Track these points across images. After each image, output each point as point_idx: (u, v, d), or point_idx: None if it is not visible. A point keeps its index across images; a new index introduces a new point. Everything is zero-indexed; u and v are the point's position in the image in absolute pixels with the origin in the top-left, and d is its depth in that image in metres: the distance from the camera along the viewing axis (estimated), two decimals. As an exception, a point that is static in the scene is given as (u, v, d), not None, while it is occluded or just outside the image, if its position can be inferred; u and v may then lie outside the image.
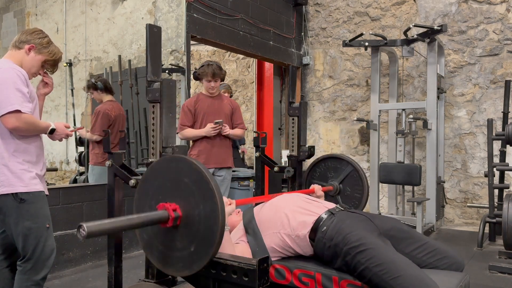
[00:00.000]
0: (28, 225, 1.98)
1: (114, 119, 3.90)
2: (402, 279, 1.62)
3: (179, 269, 1.47)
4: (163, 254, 1.51)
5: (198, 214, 1.41)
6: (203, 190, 1.40)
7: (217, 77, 3.61)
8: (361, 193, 2.75)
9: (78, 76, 5.54)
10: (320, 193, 2.60)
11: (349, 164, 2.78)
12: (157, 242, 1.53)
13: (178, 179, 1.47)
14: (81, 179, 4.45)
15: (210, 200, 1.38)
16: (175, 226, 1.46)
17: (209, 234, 1.38)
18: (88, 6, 5.46)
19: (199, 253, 1.41)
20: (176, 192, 1.47)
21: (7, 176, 1.96)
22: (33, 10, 6.39)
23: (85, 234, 1.19)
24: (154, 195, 1.53)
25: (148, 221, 1.42)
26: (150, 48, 1.73)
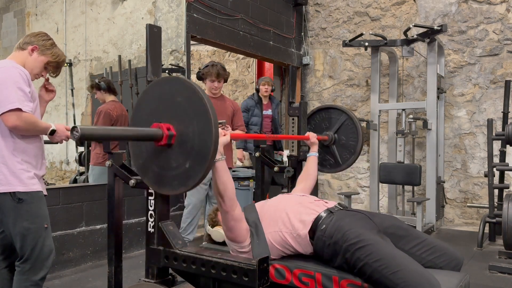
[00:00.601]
0: (27, 225, 1.98)
1: (116, 119, 3.91)
2: (402, 273, 1.62)
3: (174, 187, 1.47)
4: (159, 174, 1.52)
5: (192, 130, 1.42)
6: (196, 107, 1.41)
7: (221, 78, 3.63)
8: (355, 140, 2.78)
9: (78, 76, 5.54)
10: (314, 140, 2.63)
11: (343, 113, 2.81)
12: (152, 164, 1.53)
13: (172, 99, 1.48)
14: (81, 179, 4.46)
15: (203, 115, 1.39)
16: (169, 145, 1.46)
17: (203, 148, 1.38)
18: (88, 6, 5.46)
19: (194, 168, 1.41)
20: (170, 113, 1.48)
21: (5, 174, 1.96)
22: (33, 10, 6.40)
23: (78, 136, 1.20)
24: (148, 118, 1.53)
25: (142, 135, 1.44)
26: (150, 48, 1.73)
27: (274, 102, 5.18)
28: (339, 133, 2.84)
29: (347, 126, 2.81)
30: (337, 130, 2.84)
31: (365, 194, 5.81)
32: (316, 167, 2.61)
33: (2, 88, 1.91)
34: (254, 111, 4.88)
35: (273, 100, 5.19)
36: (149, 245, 1.71)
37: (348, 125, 2.81)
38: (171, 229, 1.69)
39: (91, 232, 3.63)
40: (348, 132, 2.81)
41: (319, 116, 2.91)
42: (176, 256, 1.61)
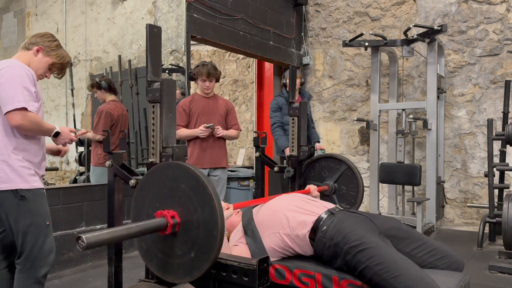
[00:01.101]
0: (28, 222, 1.99)
1: (117, 119, 3.91)
2: (403, 277, 1.62)
3: (179, 276, 1.46)
4: (163, 261, 1.50)
5: (196, 219, 1.40)
6: (200, 195, 1.39)
7: (212, 77, 3.61)
8: (356, 191, 2.76)
9: (78, 76, 5.54)
10: (316, 193, 2.61)
11: (343, 163, 2.80)
12: (156, 250, 1.51)
13: (175, 185, 1.46)
14: (81, 179, 4.46)
15: (208, 205, 1.37)
16: (173, 233, 1.45)
17: (208, 239, 1.37)
18: (88, 6, 5.46)
19: (200, 259, 1.39)
20: (173, 199, 1.46)
21: (6, 172, 1.97)
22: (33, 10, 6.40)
23: (84, 246, 1.20)
24: (152, 203, 1.52)
25: (147, 230, 1.41)
26: (150, 48, 1.73)
27: (305, 96, 4.70)
28: (339, 183, 2.82)
29: (346, 176, 2.79)
30: (337, 179, 2.82)
31: (365, 194, 5.78)
32: None
33: (8, 86, 1.92)
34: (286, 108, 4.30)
35: (303, 94, 4.71)
36: (149, 246, 1.71)
37: (348, 175, 2.79)
38: (171, 229, 1.69)
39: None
40: (348, 182, 2.79)
41: (319, 165, 2.90)
42: (176, 257, 1.61)
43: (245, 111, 7.29)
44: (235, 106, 7.34)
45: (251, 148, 6.76)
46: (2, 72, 1.96)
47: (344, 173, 2.78)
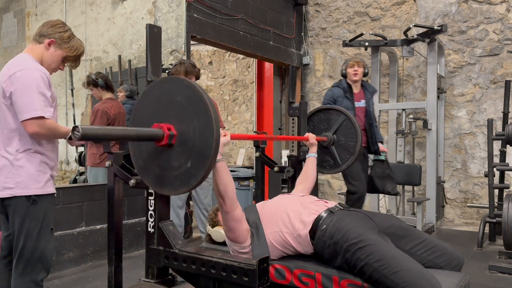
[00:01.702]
0: (34, 225, 1.97)
1: (114, 118, 3.83)
2: (403, 273, 1.62)
3: (176, 187, 1.47)
4: (160, 175, 1.51)
5: (192, 129, 1.41)
6: (196, 105, 1.40)
7: (191, 75, 3.56)
8: (354, 140, 2.77)
9: (78, 76, 5.54)
10: (313, 141, 2.63)
11: (341, 114, 2.81)
12: (153, 165, 1.52)
13: (171, 99, 1.47)
14: (81, 179, 4.46)
15: (204, 114, 1.38)
16: (170, 145, 1.45)
17: (204, 146, 1.38)
18: (88, 6, 5.46)
19: (196, 167, 1.40)
20: (170, 113, 1.47)
21: (23, 177, 1.94)
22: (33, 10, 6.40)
23: (79, 135, 1.21)
24: (149, 120, 1.53)
25: (143, 135, 1.43)
26: (150, 48, 1.73)
27: (368, 90, 3.93)
28: (338, 134, 2.84)
29: (345, 127, 2.81)
30: (335, 131, 2.84)
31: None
32: (315, 168, 2.61)
33: (25, 93, 1.88)
34: (342, 103, 3.69)
35: (367, 87, 3.95)
36: (149, 245, 1.71)
37: (346, 126, 2.81)
38: (171, 229, 1.69)
39: (91, 232, 3.62)
40: (346, 132, 2.82)
41: (318, 117, 2.91)
42: (176, 256, 1.61)
43: (245, 111, 7.29)
44: (235, 106, 7.34)
45: (251, 148, 6.77)
46: (17, 75, 1.90)
47: (342, 124, 2.80)
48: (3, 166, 1.94)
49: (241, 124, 7.28)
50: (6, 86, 1.91)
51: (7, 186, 1.93)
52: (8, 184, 1.93)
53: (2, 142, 1.96)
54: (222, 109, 7.42)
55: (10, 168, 1.94)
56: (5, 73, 1.94)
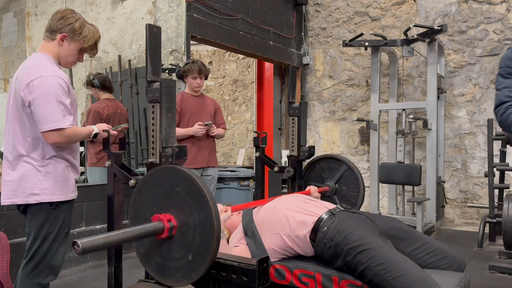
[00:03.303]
0: (52, 229, 1.95)
1: (106, 118, 3.81)
2: (403, 278, 1.62)
3: (178, 279, 1.46)
4: (161, 265, 1.51)
5: (193, 222, 1.41)
6: (196, 198, 1.40)
7: (203, 74, 3.59)
8: (357, 192, 2.75)
9: (78, 76, 5.53)
10: (317, 194, 2.60)
11: (343, 164, 2.79)
12: (154, 254, 1.52)
13: (171, 189, 1.46)
14: (81, 179, 4.45)
15: (204, 207, 1.38)
16: (171, 236, 1.45)
17: (205, 241, 1.37)
18: (88, 6, 5.46)
19: (197, 261, 1.40)
20: (169, 202, 1.47)
21: (50, 184, 1.93)
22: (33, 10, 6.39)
23: (79, 251, 1.20)
24: (149, 206, 1.53)
25: (143, 234, 1.42)
26: (150, 48, 1.73)
27: None
28: (340, 184, 2.81)
29: (347, 177, 2.78)
30: (337, 180, 2.81)
31: (365, 194, 5.79)
32: None
33: (43, 103, 1.84)
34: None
35: None
36: (149, 246, 1.70)
37: (348, 176, 2.78)
38: (171, 229, 1.68)
39: (91, 232, 3.62)
40: (349, 183, 2.78)
41: (320, 166, 2.89)
42: (176, 257, 1.61)
43: (245, 111, 7.28)
44: (235, 106, 7.34)
45: (251, 148, 6.76)
46: (34, 84, 1.85)
47: (344, 173, 2.78)
48: (28, 171, 1.92)
49: (241, 124, 7.28)
50: (24, 95, 1.87)
51: (33, 192, 1.91)
52: (35, 190, 1.91)
53: (25, 149, 1.93)
54: (222, 109, 7.41)
55: (36, 174, 1.92)
56: (22, 79, 1.90)
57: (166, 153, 1.66)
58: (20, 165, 1.93)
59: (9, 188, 1.93)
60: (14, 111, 1.94)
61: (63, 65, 2.06)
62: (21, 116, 1.93)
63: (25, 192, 1.91)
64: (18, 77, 1.94)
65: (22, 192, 1.91)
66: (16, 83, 1.93)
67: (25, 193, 1.91)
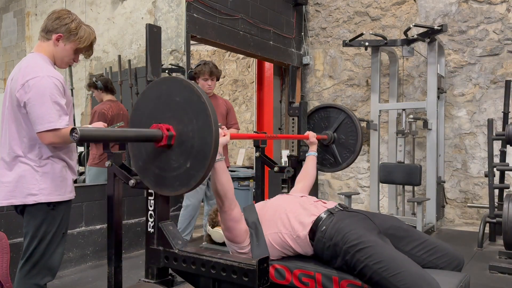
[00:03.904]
0: (49, 230, 1.95)
1: (111, 119, 3.86)
2: (402, 275, 1.62)
3: (176, 188, 1.47)
4: (159, 176, 1.51)
5: (191, 130, 1.41)
6: (195, 105, 1.40)
7: (214, 76, 3.62)
8: (355, 139, 2.77)
9: (78, 76, 5.53)
10: (314, 139, 2.63)
11: (342, 112, 2.81)
12: (152, 165, 1.52)
13: (170, 99, 1.47)
14: (81, 179, 4.45)
15: (202, 114, 1.38)
16: (169, 145, 1.45)
17: (203, 146, 1.38)
18: (88, 6, 5.46)
19: (195, 167, 1.40)
20: (169, 113, 1.47)
21: (48, 184, 1.93)
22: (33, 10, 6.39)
23: (77, 137, 1.21)
24: (147, 120, 1.53)
25: (142, 136, 1.43)
26: (150, 48, 1.73)
27: None
28: (339, 132, 2.84)
29: (346, 125, 2.81)
30: (336, 129, 2.83)
31: (365, 194, 5.80)
32: (315, 166, 2.61)
33: (38, 103, 1.84)
34: None
35: None
36: (149, 245, 1.71)
37: (347, 124, 2.81)
38: (171, 229, 1.69)
39: (91, 232, 3.62)
40: (347, 131, 2.81)
41: (318, 116, 2.91)
42: (176, 256, 1.61)
43: (245, 111, 7.29)
44: (235, 106, 7.34)
45: (251, 148, 6.76)
46: (30, 84, 1.84)
47: (343, 122, 2.80)
48: (25, 172, 1.91)
49: (241, 124, 7.28)
50: (20, 96, 1.87)
51: (31, 193, 1.91)
52: (32, 190, 1.91)
53: (22, 150, 1.92)
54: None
55: (34, 174, 1.91)
56: (17, 80, 1.89)
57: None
58: (17, 166, 1.92)
59: (6, 189, 1.93)
60: (10, 112, 1.94)
61: (58, 66, 2.06)
62: (17, 117, 1.92)
63: (23, 192, 1.91)
64: (13, 77, 1.94)
65: (19, 193, 1.91)
66: (12, 84, 1.93)
67: (23, 193, 1.91)
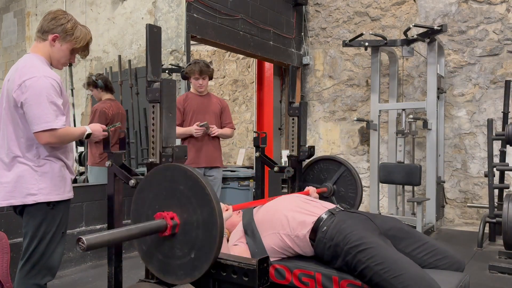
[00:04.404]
0: (49, 229, 1.95)
1: (112, 118, 3.87)
2: (403, 277, 1.62)
3: (180, 277, 1.46)
4: (163, 263, 1.50)
5: (196, 220, 1.41)
6: (199, 196, 1.40)
7: (205, 75, 3.60)
8: (355, 193, 2.76)
9: (78, 76, 5.54)
10: (315, 195, 2.61)
11: (341, 165, 2.80)
12: (156, 251, 1.52)
13: (174, 187, 1.47)
14: (81, 179, 4.45)
15: (207, 205, 1.38)
16: (173, 234, 1.45)
17: (208, 239, 1.38)
18: (88, 6, 5.46)
19: (200, 259, 1.40)
20: (172, 200, 1.47)
21: (47, 184, 1.93)
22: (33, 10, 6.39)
23: (84, 247, 1.20)
24: (151, 205, 1.53)
25: (146, 231, 1.42)
26: (150, 48, 1.73)
27: None
28: (338, 185, 2.82)
29: (345, 178, 2.80)
30: (335, 181, 2.83)
31: (365, 194, 5.80)
32: None
33: (35, 103, 1.84)
34: None
35: None
36: (149, 246, 1.70)
37: (346, 177, 2.79)
38: (171, 229, 1.69)
39: (91, 232, 3.62)
40: (347, 184, 2.80)
41: (318, 167, 2.90)
42: (176, 257, 1.61)
43: (245, 111, 7.29)
44: (235, 106, 7.34)
45: (251, 148, 6.76)
46: (27, 84, 1.85)
47: (342, 175, 2.79)
48: (24, 172, 1.91)
49: (241, 124, 7.28)
50: (17, 96, 1.87)
51: (30, 193, 1.91)
52: (32, 190, 1.91)
53: (20, 150, 1.92)
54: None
55: (33, 174, 1.91)
56: (14, 80, 1.90)
57: (166, 153, 1.66)
58: (15, 166, 1.92)
59: (5, 189, 1.93)
60: (7, 112, 1.94)
61: (55, 66, 2.06)
62: (14, 117, 1.92)
63: (22, 192, 1.91)
64: (10, 78, 1.94)
65: (19, 193, 1.91)
66: (9, 84, 1.93)
67: (22, 193, 1.91)
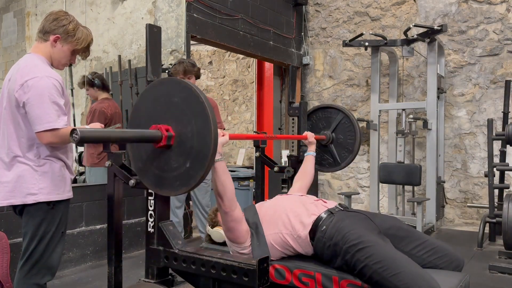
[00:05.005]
0: (48, 229, 1.95)
1: (111, 117, 3.83)
2: (403, 275, 1.62)
3: (176, 188, 1.47)
4: (159, 176, 1.51)
5: (190, 130, 1.42)
6: (193, 106, 1.41)
7: (190, 74, 3.54)
8: (353, 139, 2.78)
9: (78, 76, 5.53)
10: (312, 139, 2.63)
11: (340, 112, 2.81)
12: (152, 166, 1.53)
13: (169, 100, 1.48)
14: (81, 179, 4.45)
15: (201, 114, 1.39)
16: (168, 146, 1.46)
17: (203, 147, 1.39)
18: (88, 6, 5.46)
19: (195, 167, 1.41)
20: (167, 114, 1.48)
21: (47, 183, 1.93)
22: (33, 10, 6.39)
23: (78, 138, 1.21)
24: (147, 121, 1.53)
25: (141, 137, 1.44)
26: (150, 48, 1.73)
27: None
28: (337, 132, 2.84)
29: (344, 125, 2.81)
30: (334, 129, 2.84)
31: (365, 194, 5.80)
32: (313, 165, 2.61)
33: (37, 103, 1.85)
34: None
35: None
36: (149, 245, 1.71)
37: (345, 124, 2.81)
38: (171, 229, 1.69)
39: (91, 232, 3.62)
40: (345, 131, 2.81)
41: (316, 116, 2.91)
42: (176, 256, 1.61)
43: (245, 111, 7.29)
44: (235, 106, 7.34)
45: (251, 148, 6.76)
46: (29, 84, 1.86)
47: (341, 122, 2.81)
48: (24, 172, 1.92)
49: (241, 124, 7.29)
50: (19, 96, 1.88)
51: (30, 192, 1.91)
52: (32, 190, 1.91)
53: (20, 150, 1.93)
54: (222, 109, 7.41)
55: (33, 174, 1.92)
56: (16, 80, 1.90)
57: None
58: (16, 166, 1.93)
59: (5, 189, 1.93)
60: (8, 112, 1.94)
61: (55, 66, 2.06)
62: (15, 117, 1.93)
63: (23, 192, 1.91)
64: (11, 78, 1.94)
65: (19, 193, 1.91)
66: (10, 84, 1.93)
67: (22, 193, 1.91)
